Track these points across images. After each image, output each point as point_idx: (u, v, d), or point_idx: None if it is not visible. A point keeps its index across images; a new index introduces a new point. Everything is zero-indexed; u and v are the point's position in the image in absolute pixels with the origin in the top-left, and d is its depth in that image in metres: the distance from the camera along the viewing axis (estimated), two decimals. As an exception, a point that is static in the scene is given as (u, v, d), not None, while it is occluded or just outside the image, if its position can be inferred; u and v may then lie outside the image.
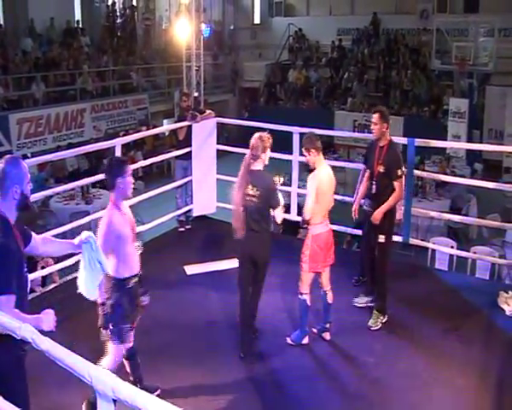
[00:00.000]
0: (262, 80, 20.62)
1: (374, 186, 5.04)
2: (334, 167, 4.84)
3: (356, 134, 14.70)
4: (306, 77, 19.67)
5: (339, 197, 7.45)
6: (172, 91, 17.57)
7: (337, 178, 4.69)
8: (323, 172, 4.50)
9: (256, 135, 4.45)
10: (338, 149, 15.57)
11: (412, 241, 6.54)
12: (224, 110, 19.77)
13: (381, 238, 4.91)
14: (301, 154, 5.23)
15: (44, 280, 6.47)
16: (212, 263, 6.35)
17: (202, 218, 7.76)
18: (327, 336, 4.72)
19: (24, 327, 2.42)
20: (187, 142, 7.20)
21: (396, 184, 4.88)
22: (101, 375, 2.22)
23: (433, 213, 7.09)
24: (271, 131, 4.64)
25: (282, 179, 4.72)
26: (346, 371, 4.38)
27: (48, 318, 2.74)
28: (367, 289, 5.28)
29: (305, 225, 4.55)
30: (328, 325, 4.72)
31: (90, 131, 14.78)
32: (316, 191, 4.36)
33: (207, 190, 7.56)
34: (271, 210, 4.40)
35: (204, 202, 7.57)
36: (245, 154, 4.41)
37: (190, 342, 4.76)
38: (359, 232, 6.81)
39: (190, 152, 7.22)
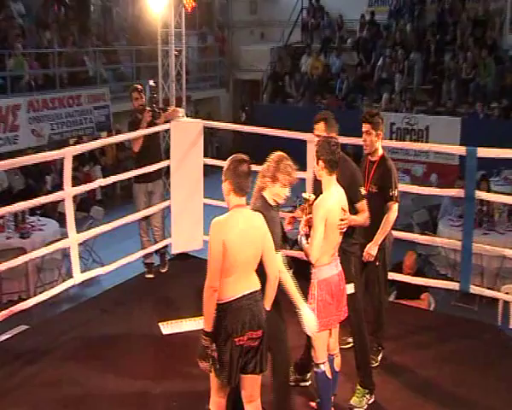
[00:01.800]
0: (265, 70, 20.85)
1: None
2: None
3: (394, 143, 14.72)
4: (326, 65, 19.86)
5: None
6: (143, 84, 17.71)
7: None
8: (334, 197, 4.54)
9: (276, 154, 4.44)
10: (369, 163, 15.66)
11: (474, 290, 6.58)
12: (213, 111, 19.98)
13: (350, 288, 4.87)
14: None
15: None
16: (197, 320, 6.36)
17: (184, 257, 7.81)
18: None
19: None
20: (147, 156, 7.22)
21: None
22: None
23: (505, 251, 7.10)
24: (277, 140, 4.72)
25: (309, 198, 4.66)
26: None
27: None
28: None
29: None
30: (332, 398, 4.75)
31: (26, 137, 14.69)
32: (324, 223, 4.42)
33: (191, 220, 7.64)
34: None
35: (186, 236, 7.65)
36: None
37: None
38: (402, 277, 6.94)
39: (157, 171, 7.25)
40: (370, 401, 5.03)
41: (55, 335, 6.19)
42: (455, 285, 6.68)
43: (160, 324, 6.30)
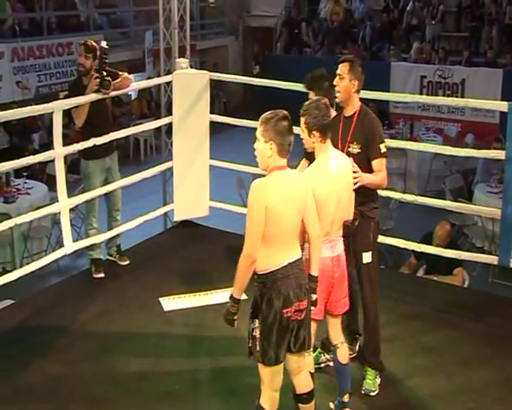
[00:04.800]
0: (279, 16, 20.70)
1: None
2: (389, 150, 4.86)
3: (425, 98, 14.63)
4: (347, 10, 19.72)
5: (396, 196, 7.60)
6: (142, 31, 17.65)
7: (394, 166, 4.71)
8: (327, 166, 4.38)
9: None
10: (396, 121, 15.57)
11: (516, 264, 6.54)
12: (221, 61, 19.87)
13: (367, 257, 4.93)
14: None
15: None
16: (203, 294, 6.42)
17: (188, 225, 7.81)
18: None
19: None
20: (95, 130, 6.71)
21: (377, 163, 4.84)
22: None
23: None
24: (293, 95, 4.65)
25: None
26: None
27: None
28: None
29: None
30: (346, 398, 4.69)
31: (10, 90, 14.61)
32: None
33: (196, 183, 7.64)
34: None
35: (190, 202, 7.65)
36: (253, 128, 4.39)
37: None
38: (433, 249, 6.92)
39: (112, 143, 6.94)
40: (379, 382, 5.04)
41: (42, 310, 6.22)
42: (493, 259, 6.64)
43: (160, 299, 6.32)
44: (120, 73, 6.89)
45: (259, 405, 4.02)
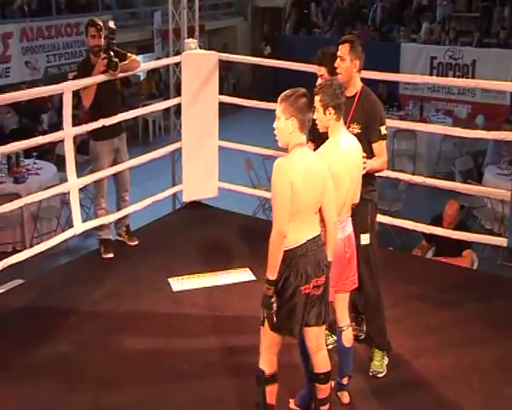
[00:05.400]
0: (289, -5, 20.62)
1: None
2: (399, 132, 4.85)
3: (434, 79, 14.60)
4: (358, -10, 19.63)
5: (405, 177, 7.60)
6: (151, 12, 17.61)
7: (404, 148, 4.71)
8: (341, 145, 4.40)
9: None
10: (405, 102, 15.49)
11: (525, 246, 6.54)
12: (229, 42, 19.82)
13: (365, 239, 4.93)
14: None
15: None
16: (212, 275, 6.44)
17: (196, 205, 7.83)
18: (344, 397, 4.74)
19: None
20: (103, 107, 6.69)
21: (377, 146, 4.88)
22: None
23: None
24: (302, 76, 4.65)
25: None
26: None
27: None
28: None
29: None
30: (345, 381, 4.73)
31: (20, 70, 14.67)
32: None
33: (204, 164, 7.65)
34: None
35: (199, 182, 7.66)
36: (263, 109, 4.43)
37: (176, 395, 4.86)
38: (442, 231, 6.91)
39: (120, 124, 6.92)
40: (386, 362, 5.06)
41: (52, 290, 6.26)
42: (502, 241, 6.63)
43: (169, 279, 6.35)
44: (129, 54, 6.88)
45: (259, 368, 4.12)
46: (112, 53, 6.54)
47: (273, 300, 3.93)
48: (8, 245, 9.22)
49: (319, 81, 4.92)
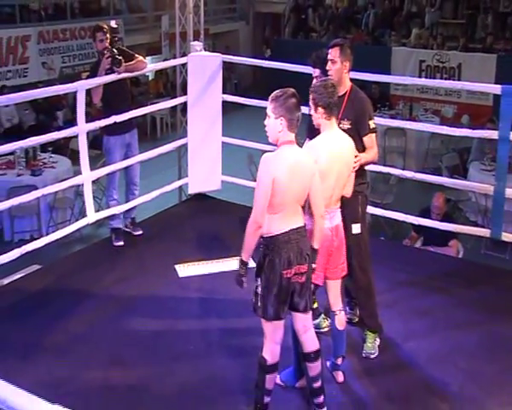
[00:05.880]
0: (287, 2, 20.53)
1: None
2: (390, 130, 4.83)
3: (423, 80, 14.58)
4: (352, -3, 19.55)
5: (396, 172, 7.58)
6: (159, 16, 17.56)
7: (394, 145, 4.69)
8: (330, 141, 4.38)
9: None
10: (396, 102, 15.47)
11: (506, 236, 6.51)
12: (232, 45, 19.78)
13: (356, 228, 4.90)
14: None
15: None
16: (215, 262, 6.43)
17: (201, 197, 7.81)
18: (339, 376, 4.73)
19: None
20: (112, 105, 6.67)
21: (367, 139, 4.86)
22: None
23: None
24: (300, 77, 4.63)
25: None
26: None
27: None
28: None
29: None
30: (339, 361, 4.71)
31: (37, 70, 14.68)
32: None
33: (209, 159, 7.63)
34: None
35: (204, 176, 7.64)
36: (263, 108, 4.39)
37: (182, 373, 4.85)
38: (430, 222, 6.91)
39: (132, 121, 6.87)
40: (378, 343, 5.04)
41: (67, 275, 6.25)
42: (485, 232, 6.63)
43: (176, 266, 6.34)
44: (136, 55, 6.84)
45: (262, 356, 4.13)
46: (115, 51, 6.51)
47: (244, 279, 4.02)
48: (26, 233, 9.25)
49: (314, 82, 4.91)
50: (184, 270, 6.32)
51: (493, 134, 6.46)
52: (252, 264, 4.04)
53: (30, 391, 2.22)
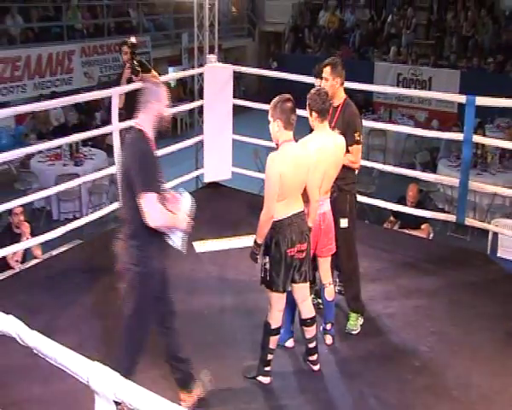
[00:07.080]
0: (287, 23, 20.37)
1: None
2: (372, 131, 4.76)
3: (400, 90, 14.56)
4: (341, 20, 19.37)
5: (378, 166, 7.52)
6: (180, 34, 17.47)
7: (376, 143, 4.62)
8: (320, 140, 4.30)
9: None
10: (378, 108, 15.39)
11: (469, 221, 6.50)
12: (240, 58, 19.65)
13: (344, 223, 4.77)
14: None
15: (24, 255, 6.58)
16: (227, 240, 6.38)
17: (214, 185, 7.77)
18: (328, 339, 4.70)
19: (8, 324, 2.51)
20: (131, 111, 6.75)
21: (352, 149, 4.66)
22: (101, 373, 2.24)
23: (495, 189, 7.03)
24: (298, 86, 4.56)
25: None
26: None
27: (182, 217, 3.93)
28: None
29: None
30: (328, 326, 4.68)
31: (80, 79, 14.69)
32: None
33: (221, 153, 7.57)
34: None
35: (217, 167, 7.59)
36: (266, 110, 4.29)
37: (197, 334, 4.81)
38: (406, 209, 6.87)
39: None
40: (361, 322, 4.93)
41: (103, 249, 6.18)
42: (452, 218, 6.62)
43: (193, 243, 6.28)
44: (153, 72, 6.91)
45: (267, 321, 4.14)
46: (135, 62, 6.53)
47: (259, 256, 4.03)
48: (70, 214, 9.32)
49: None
50: (201, 246, 6.28)
51: (459, 136, 6.45)
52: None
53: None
